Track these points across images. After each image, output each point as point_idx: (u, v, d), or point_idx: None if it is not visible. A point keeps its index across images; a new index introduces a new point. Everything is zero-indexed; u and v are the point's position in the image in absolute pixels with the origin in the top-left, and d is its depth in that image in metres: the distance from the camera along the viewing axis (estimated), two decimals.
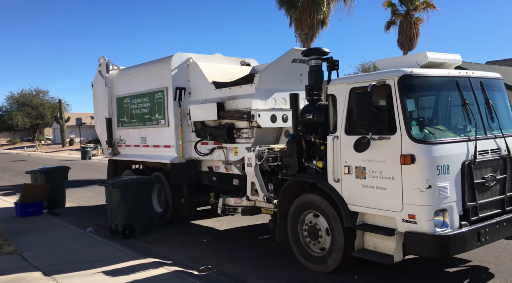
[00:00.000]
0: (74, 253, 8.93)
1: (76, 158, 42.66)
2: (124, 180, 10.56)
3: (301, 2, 27.38)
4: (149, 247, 9.74)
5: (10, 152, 59.75)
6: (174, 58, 11.06)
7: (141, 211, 10.53)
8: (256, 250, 9.39)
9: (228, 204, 9.83)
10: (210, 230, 11.34)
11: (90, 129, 69.84)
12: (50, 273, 7.69)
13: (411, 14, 37.03)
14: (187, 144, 11.17)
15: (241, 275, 7.78)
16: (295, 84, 9.90)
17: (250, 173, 8.99)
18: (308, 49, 8.45)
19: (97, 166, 31.27)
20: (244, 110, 9.55)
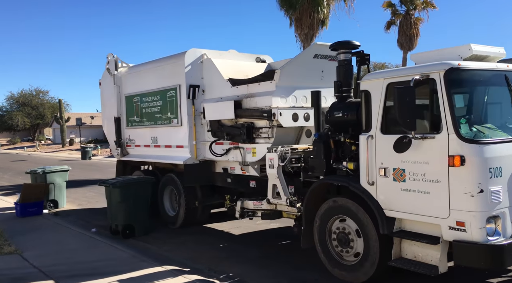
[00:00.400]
0: (74, 253, 8.79)
1: (76, 158, 42.20)
2: (124, 180, 10.36)
3: (300, 2, 26.91)
4: (149, 247, 9.54)
5: (10, 152, 59.14)
6: (187, 55, 10.37)
7: (141, 211, 10.36)
8: (256, 249, 9.15)
9: (247, 208, 9.15)
10: (210, 230, 10.98)
11: (90, 129, 69.79)
12: (50, 273, 7.53)
13: (411, 14, 36.55)
14: (200, 144, 10.49)
15: (242, 274, 7.62)
16: (317, 81, 9.25)
17: (272, 175, 8.31)
18: (338, 42, 7.75)
19: (97, 166, 30.98)
20: (264, 108, 8.87)
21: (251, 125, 9.10)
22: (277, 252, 8.97)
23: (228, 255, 8.87)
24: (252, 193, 9.72)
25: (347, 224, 7.04)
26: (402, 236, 6.39)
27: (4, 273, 7.53)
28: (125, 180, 10.42)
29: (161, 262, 8.07)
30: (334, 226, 7.26)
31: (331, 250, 7.33)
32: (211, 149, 10.01)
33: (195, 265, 8.16)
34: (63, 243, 9.53)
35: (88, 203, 15.54)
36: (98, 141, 61.01)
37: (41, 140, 75.30)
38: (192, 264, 8.22)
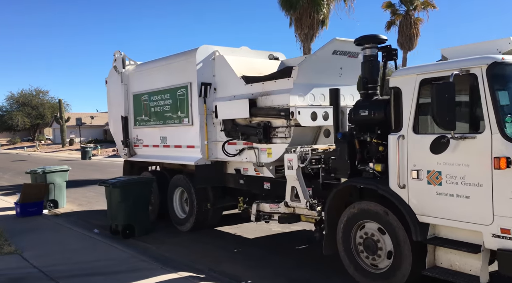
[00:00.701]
0: (74, 253, 8.68)
1: (76, 158, 41.74)
2: (124, 180, 10.18)
3: (300, 2, 26.76)
4: (149, 247, 9.40)
5: (10, 152, 58.57)
6: (199, 51, 9.84)
7: (141, 211, 10.21)
8: (256, 249, 8.96)
9: (263, 211, 8.63)
10: (210, 231, 10.60)
11: (90, 129, 69.39)
12: (50, 273, 7.42)
13: (411, 14, 36.18)
14: (212, 144, 9.96)
15: (241, 275, 7.49)
16: (335, 79, 8.74)
17: (290, 177, 7.79)
18: (363, 36, 7.23)
19: (97, 166, 30.61)
20: (281, 107, 8.36)
21: (268, 125, 8.56)
22: (279, 252, 8.77)
23: (229, 256, 8.67)
24: (266, 195, 9.26)
25: (375, 230, 6.52)
26: (438, 244, 5.89)
27: (4, 273, 7.40)
28: (125, 180, 10.21)
29: (161, 262, 7.95)
30: (361, 232, 6.75)
31: (357, 258, 6.82)
32: (224, 150, 9.50)
33: (196, 265, 8.01)
34: (63, 243, 9.40)
35: (88, 203, 15.29)
36: (98, 141, 60.83)
37: (41, 140, 74.67)
38: (193, 264, 8.07)
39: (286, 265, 8.04)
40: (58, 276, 7.20)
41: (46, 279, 7.13)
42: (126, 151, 12.00)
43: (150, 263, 7.87)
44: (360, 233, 6.74)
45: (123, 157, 12.44)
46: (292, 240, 9.68)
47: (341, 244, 6.99)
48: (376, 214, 6.43)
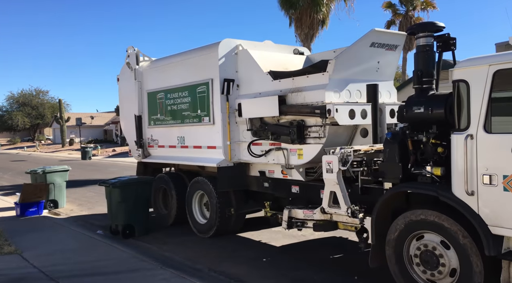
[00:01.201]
0: (74, 253, 8.52)
1: (76, 158, 40.98)
2: (124, 180, 9.90)
3: (300, 2, 26.33)
4: (149, 247, 9.16)
5: (10, 152, 57.55)
6: (221, 45, 8.95)
7: (141, 211, 9.98)
8: (256, 250, 8.65)
9: (296, 217, 7.74)
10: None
11: (90, 129, 68.45)
12: (50, 273, 7.25)
13: (411, 14, 35.44)
14: (235, 144, 9.10)
15: (241, 275, 7.30)
16: (371, 74, 7.95)
17: (330, 180, 6.90)
18: (418, 24, 6.35)
19: (97, 166, 30.08)
20: (315, 104, 7.47)
21: (302, 124, 7.67)
22: (280, 253, 8.47)
23: (229, 256, 8.37)
24: (294, 199, 8.40)
25: (437, 243, 5.63)
26: None
27: (4, 273, 7.28)
28: (125, 180, 9.92)
29: (161, 262, 7.77)
30: (417, 243, 5.86)
31: (411, 272, 5.96)
32: (250, 150, 8.61)
33: (195, 265, 7.80)
34: (63, 243, 9.23)
35: (88, 203, 14.89)
36: (98, 141, 60.06)
37: (41, 140, 73.72)
38: (192, 264, 7.86)
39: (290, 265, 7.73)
40: (58, 276, 7.02)
41: (46, 279, 6.96)
42: (140, 152, 11.08)
43: (150, 263, 7.67)
44: (417, 244, 5.86)
45: (136, 158, 11.52)
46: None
47: (392, 256, 6.11)
48: (438, 224, 5.55)
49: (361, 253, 7.29)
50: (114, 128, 65.34)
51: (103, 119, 72.68)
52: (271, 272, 7.44)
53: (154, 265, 7.53)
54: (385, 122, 7.79)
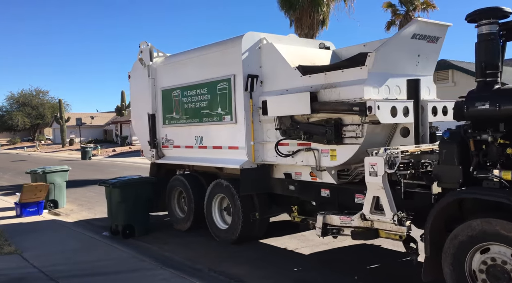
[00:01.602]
0: (74, 253, 8.34)
1: (76, 158, 40.31)
2: (124, 180, 9.69)
3: (300, 2, 25.46)
4: (149, 247, 8.94)
5: (10, 152, 56.67)
6: (245, 39, 8.19)
7: (141, 211, 9.74)
8: (256, 250, 8.34)
9: (331, 224, 6.94)
10: (209, 231, 9.46)
11: (90, 129, 67.49)
12: (50, 273, 7.10)
13: (411, 15, 34.68)
14: (259, 145, 8.36)
15: (241, 275, 7.10)
16: (411, 68, 7.22)
17: (373, 184, 6.14)
18: (480, 10, 5.52)
19: (97, 166, 29.64)
20: (352, 101, 6.70)
21: (340, 122, 6.88)
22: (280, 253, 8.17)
23: (229, 256, 8.12)
24: (323, 203, 7.63)
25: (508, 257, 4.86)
26: None
27: (4, 273, 7.16)
28: (125, 180, 9.73)
29: (161, 262, 7.59)
30: (482, 256, 5.09)
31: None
32: (278, 151, 7.81)
33: (195, 265, 7.61)
34: (63, 243, 9.05)
35: (88, 203, 14.58)
36: (98, 141, 59.28)
37: (41, 140, 72.75)
38: (192, 264, 7.67)
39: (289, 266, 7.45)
40: (58, 276, 6.90)
41: (46, 279, 6.84)
42: (154, 152, 10.26)
43: (150, 263, 7.52)
44: (482, 258, 5.09)
45: (149, 159, 10.69)
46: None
47: (450, 271, 5.33)
48: (507, 236, 4.76)
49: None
50: (114, 128, 64.39)
51: (103, 119, 71.68)
52: (272, 272, 7.19)
53: (154, 265, 7.36)
54: (427, 120, 7.02)
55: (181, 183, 9.95)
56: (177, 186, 10.12)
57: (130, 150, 45.61)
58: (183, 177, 9.93)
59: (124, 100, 62.12)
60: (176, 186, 10.16)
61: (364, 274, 7.12)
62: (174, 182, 10.19)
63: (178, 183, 10.04)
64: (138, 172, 22.28)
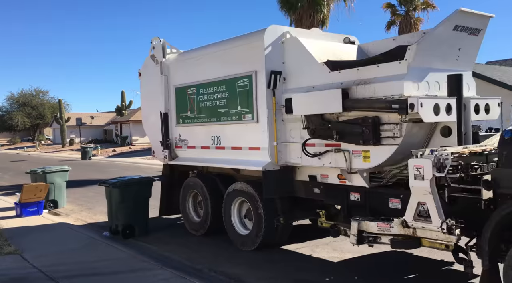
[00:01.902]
0: (74, 253, 8.22)
1: (76, 158, 39.50)
2: (124, 180, 9.46)
3: (300, 2, 25.09)
4: (149, 247, 8.76)
5: (10, 152, 55.79)
6: (267, 33, 7.53)
7: (141, 211, 9.52)
8: (256, 251, 7.99)
9: (367, 231, 6.27)
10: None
11: (90, 129, 66.59)
12: (50, 273, 6.96)
13: (411, 15, 34.14)
14: (282, 145, 7.66)
15: (241, 275, 6.91)
16: (451, 62, 6.64)
17: (419, 189, 5.51)
18: None
19: (97, 166, 29.15)
20: (390, 98, 6.03)
21: (377, 121, 6.20)
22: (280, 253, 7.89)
23: (229, 256, 7.91)
24: (352, 207, 7.03)
25: None
26: None
27: (4, 273, 7.06)
28: (125, 180, 9.53)
29: (161, 262, 7.44)
30: None
31: None
32: (306, 151, 7.13)
33: (196, 265, 7.44)
34: (63, 243, 8.89)
35: (88, 203, 14.30)
36: (98, 141, 58.53)
37: (41, 140, 71.67)
38: (193, 264, 7.50)
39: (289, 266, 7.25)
40: (58, 276, 6.77)
41: (46, 279, 6.72)
42: (167, 153, 9.57)
43: (150, 263, 7.37)
44: None
45: (161, 160, 9.99)
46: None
47: None
48: None
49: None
50: (114, 128, 63.51)
51: (103, 119, 70.73)
52: (271, 272, 7.00)
53: (154, 265, 7.21)
54: (469, 119, 6.39)
55: (196, 186, 9.27)
56: (192, 189, 9.44)
57: (130, 150, 45.03)
58: (199, 179, 9.22)
59: (124, 100, 61.26)
60: (191, 188, 9.48)
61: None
62: (189, 184, 9.51)
63: (193, 185, 9.37)
64: (138, 172, 22.21)
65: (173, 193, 10.07)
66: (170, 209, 10.16)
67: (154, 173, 20.19)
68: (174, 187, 10.08)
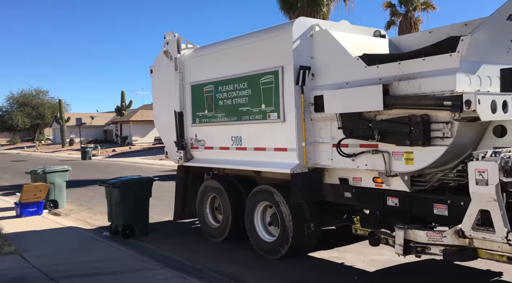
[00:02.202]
0: (74, 253, 8.03)
1: (76, 158, 38.91)
2: (124, 180, 9.22)
3: (300, 2, 24.84)
4: (149, 247, 8.53)
5: (10, 152, 54.94)
6: (296, 25, 6.81)
7: (141, 211, 9.29)
8: (256, 251, 7.70)
9: (415, 240, 5.51)
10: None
11: (90, 129, 65.61)
12: (50, 273, 6.79)
13: (410, 15, 33.54)
14: (310, 146, 6.89)
15: (241, 275, 6.71)
16: (501, 55, 5.88)
17: (481, 196, 4.80)
18: None
19: (97, 166, 28.70)
20: (441, 94, 5.24)
21: (427, 119, 5.43)
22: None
23: (229, 256, 7.70)
24: (388, 213, 6.35)
25: None
26: None
27: (4, 273, 6.93)
28: (125, 180, 9.30)
29: (161, 262, 7.27)
30: None
31: None
32: (341, 152, 6.36)
33: (195, 265, 7.25)
34: (63, 243, 8.69)
35: (88, 203, 14.01)
36: (98, 141, 57.71)
37: (41, 140, 70.74)
38: (192, 264, 7.30)
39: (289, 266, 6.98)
40: (58, 276, 6.62)
41: (46, 279, 6.59)
42: (182, 154, 8.76)
43: (150, 263, 7.21)
44: None
45: (175, 161, 9.19)
46: None
47: None
48: None
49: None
50: (114, 128, 62.53)
51: (103, 119, 69.69)
52: (271, 272, 6.81)
53: (154, 265, 7.07)
54: None
55: (215, 188, 8.49)
56: (210, 192, 8.67)
57: (130, 150, 44.32)
58: (218, 181, 8.43)
59: (124, 100, 60.34)
60: (209, 191, 8.70)
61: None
62: (207, 187, 8.74)
63: (212, 188, 8.57)
64: (138, 172, 21.88)
65: (187, 196, 9.29)
66: (184, 213, 9.38)
67: (154, 173, 19.89)
68: (188, 190, 9.31)
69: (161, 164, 28.03)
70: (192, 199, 9.22)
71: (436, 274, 6.58)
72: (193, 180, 9.32)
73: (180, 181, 9.33)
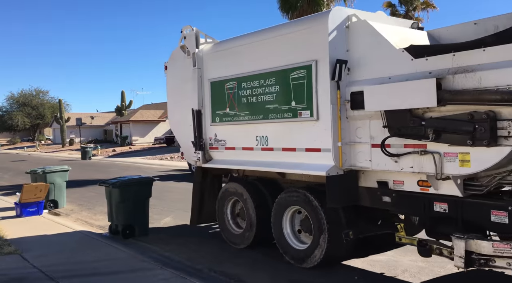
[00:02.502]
0: (74, 253, 7.84)
1: (76, 158, 38.13)
2: (124, 180, 9.00)
3: (300, 2, 24.45)
4: (149, 247, 8.31)
5: (10, 152, 53.90)
6: (332, 15, 6.06)
7: (141, 211, 9.08)
8: (256, 251, 7.56)
9: (478, 252, 4.76)
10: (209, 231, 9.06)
11: (90, 129, 64.59)
12: (50, 273, 6.58)
13: (410, 15, 32.94)
14: (346, 146, 6.14)
15: (241, 275, 6.49)
16: None
17: None
18: None
19: (97, 166, 28.08)
20: (506, 89, 4.50)
21: (493, 116, 4.66)
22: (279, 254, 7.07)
23: (229, 256, 7.50)
24: (435, 220, 5.61)
25: None
26: None
27: (4, 273, 6.81)
28: (125, 180, 9.08)
29: (161, 262, 7.11)
30: None
31: None
32: (387, 151, 5.59)
33: (196, 265, 7.06)
34: (63, 243, 8.55)
35: (88, 203, 13.70)
36: (98, 141, 56.84)
37: (41, 140, 69.78)
38: (193, 264, 7.12)
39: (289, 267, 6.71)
40: (58, 276, 6.49)
41: (46, 279, 6.46)
42: (200, 155, 7.96)
43: (150, 263, 7.06)
44: None
45: (193, 163, 8.38)
46: None
47: None
48: None
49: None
50: (114, 128, 61.52)
51: (103, 119, 68.60)
52: (271, 272, 6.61)
53: (154, 265, 6.92)
54: None
55: (236, 192, 7.71)
56: (231, 195, 7.89)
57: (130, 150, 43.56)
58: (240, 184, 7.62)
59: (124, 100, 59.36)
60: (230, 195, 7.92)
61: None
62: (228, 191, 7.96)
63: (233, 191, 7.79)
64: (138, 172, 21.37)
65: (204, 199, 8.50)
66: (201, 217, 8.60)
67: (154, 173, 19.41)
68: (205, 193, 8.53)
69: (161, 164, 27.46)
70: (210, 202, 8.45)
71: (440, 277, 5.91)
72: (211, 182, 8.52)
73: (197, 184, 8.53)
